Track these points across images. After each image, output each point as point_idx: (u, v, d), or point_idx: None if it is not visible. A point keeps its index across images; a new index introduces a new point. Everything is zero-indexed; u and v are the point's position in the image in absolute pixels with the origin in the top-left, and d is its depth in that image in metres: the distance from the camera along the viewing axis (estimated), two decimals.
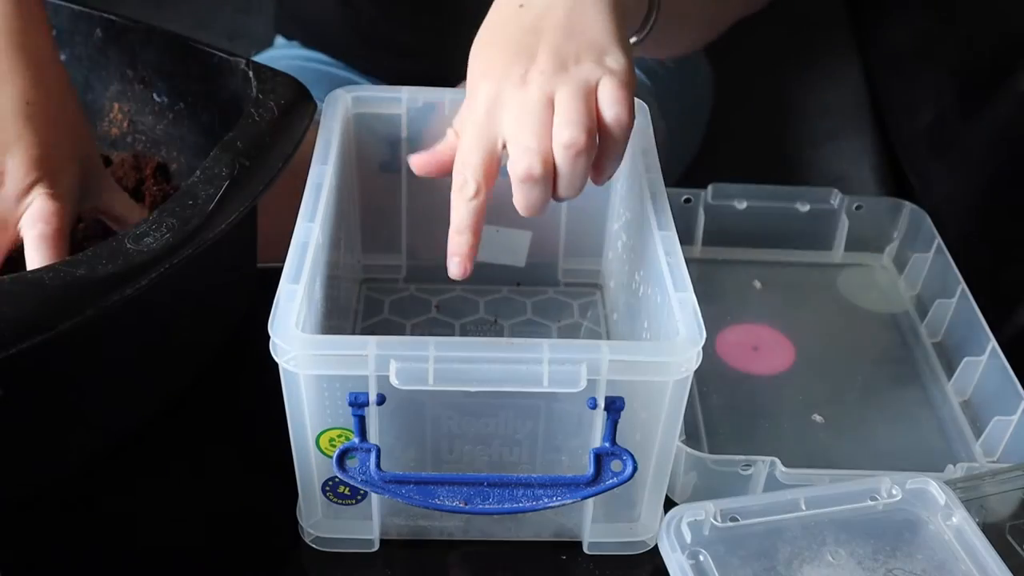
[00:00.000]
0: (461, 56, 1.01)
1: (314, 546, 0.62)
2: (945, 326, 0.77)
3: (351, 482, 0.56)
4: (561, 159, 0.56)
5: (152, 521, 0.64)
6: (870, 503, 0.59)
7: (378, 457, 0.55)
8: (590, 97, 0.57)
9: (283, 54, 1.09)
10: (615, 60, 0.58)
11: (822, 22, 1.35)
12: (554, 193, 0.58)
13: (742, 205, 0.83)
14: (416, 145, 0.75)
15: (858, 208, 0.84)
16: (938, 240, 0.80)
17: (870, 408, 0.73)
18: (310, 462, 0.58)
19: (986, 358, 0.71)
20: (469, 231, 0.58)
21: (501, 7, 0.62)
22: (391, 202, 0.78)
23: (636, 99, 0.73)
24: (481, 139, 0.58)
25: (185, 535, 0.63)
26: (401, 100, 0.73)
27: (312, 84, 0.72)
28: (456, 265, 0.58)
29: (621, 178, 0.75)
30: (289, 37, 1.11)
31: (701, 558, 0.56)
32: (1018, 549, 0.59)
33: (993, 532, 0.58)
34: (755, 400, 0.73)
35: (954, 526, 0.58)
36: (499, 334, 0.77)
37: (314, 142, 0.68)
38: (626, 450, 0.55)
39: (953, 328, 0.76)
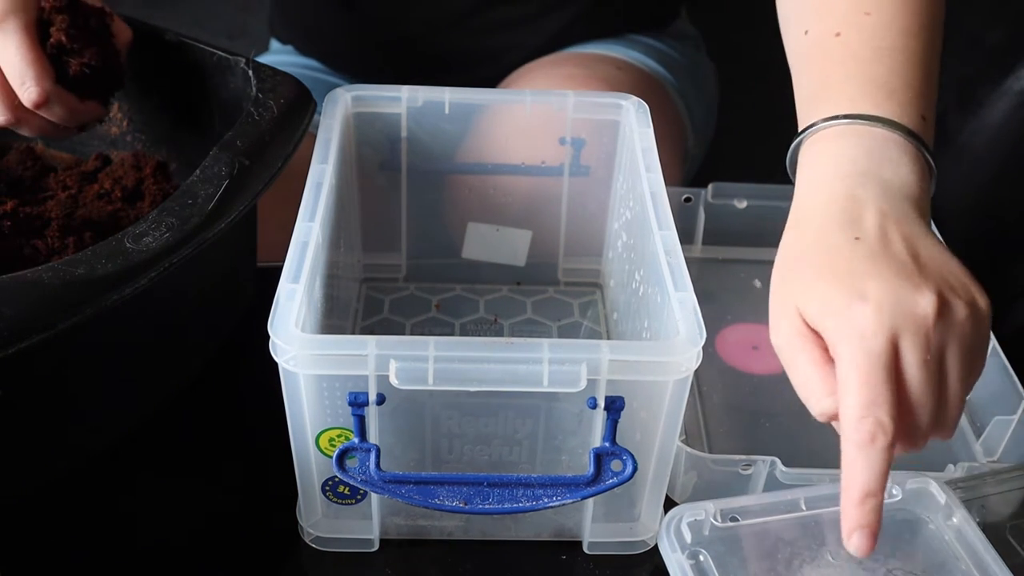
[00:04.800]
0: (458, 62, 1.01)
1: (314, 546, 0.62)
2: None
3: (351, 482, 0.56)
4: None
5: (152, 521, 0.64)
6: None
7: (378, 457, 0.55)
8: (939, 360, 0.51)
9: (278, 60, 1.08)
10: (974, 296, 0.53)
11: None
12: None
13: (742, 204, 0.83)
14: (416, 144, 0.75)
15: None
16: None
17: None
18: (310, 462, 0.58)
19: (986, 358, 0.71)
20: (880, 491, 0.50)
21: (831, 235, 0.53)
22: (391, 202, 0.78)
23: (635, 98, 0.74)
24: (875, 374, 0.49)
25: (185, 535, 0.63)
26: (401, 99, 0.73)
27: (319, 91, 0.72)
28: (863, 539, 0.50)
29: (621, 177, 0.75)
30: (284, 41, 1.11)
31: (701, 558, 0.56)
32: (1018, 549, 0.59)
33: (993, 532, 0.58)
34: (755, 400, 0.73)
35: (954, 526, 0.58)
36: (499, 334, 0.77)
37: (314, 142, 0.68)
38: (626, 450, 0.55)
39: None
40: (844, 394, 0.50)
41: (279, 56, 1.10)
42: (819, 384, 0.52)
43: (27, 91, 0.64)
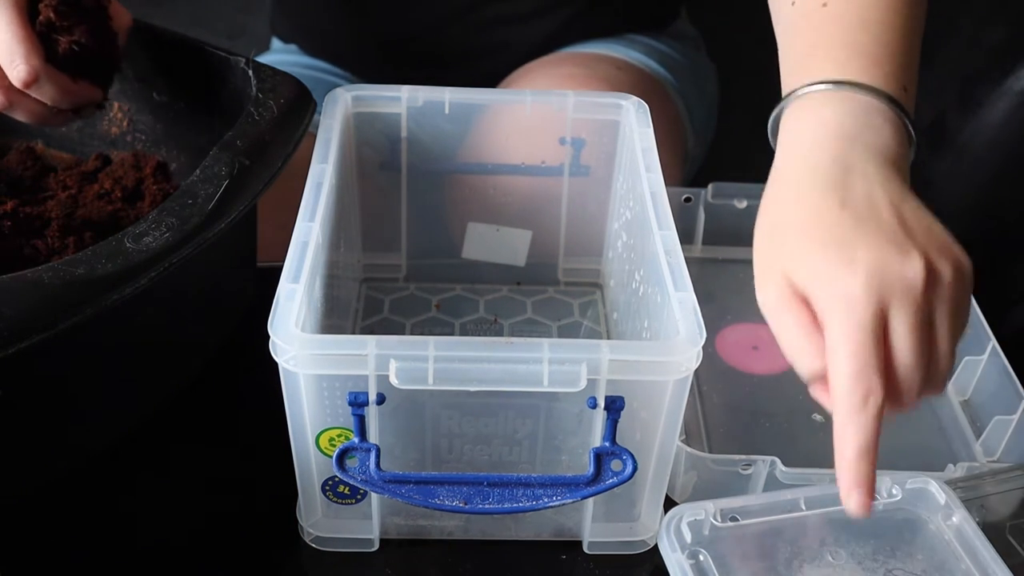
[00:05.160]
0: (456, 59, 1.00)
1: (314, 546, 0.62)
2: None
3: (351, 482, 0.56)
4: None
5: (152, 521, 0.64)
6: None
7: (378, 457, 0.55)
8: (927, 324, 0.51)
9: (280, 59, 1.08)
10: (958, 257, 0.53)
11: None
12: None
13: (742, 204, 0.83)
14: (416, 144, 0.75)
15: None
16: None
17: None
18: (310, 462, 0.58)
19: (986, 358, 0.71)
20: (873, 451, 0.50)
21: (817, 199, 0.54)
22: (391, 202, 0.78)
23: (635, 98, 0.74)
24: (864, 344, 0.50)
25: (185, 535, 0.63)
26: (401, 99, 0.73)
27: (320, 90, 0.72)
28: (861, 496, 0.50)
29: (621, 177, 0.75)
30: (286, 40, 1.11)
31: (701, 558, 0.56)
32: (1018, 549, 0.59)
33: (993, 532, 0.58)
34: (755, 400, 0.73)
35: (954, 526, 0.58)
36: (499, 333, 0.77)
37: (314, 142, 0.68)
38: (626, 450, 0.55)
39: None
40: (834, 363, 0.51)
41: (281, 55, 1.10)
42: (808, 346, 0.52)
43: (16, 69, 0.63)
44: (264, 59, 1.10)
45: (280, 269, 0.57)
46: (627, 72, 0.97)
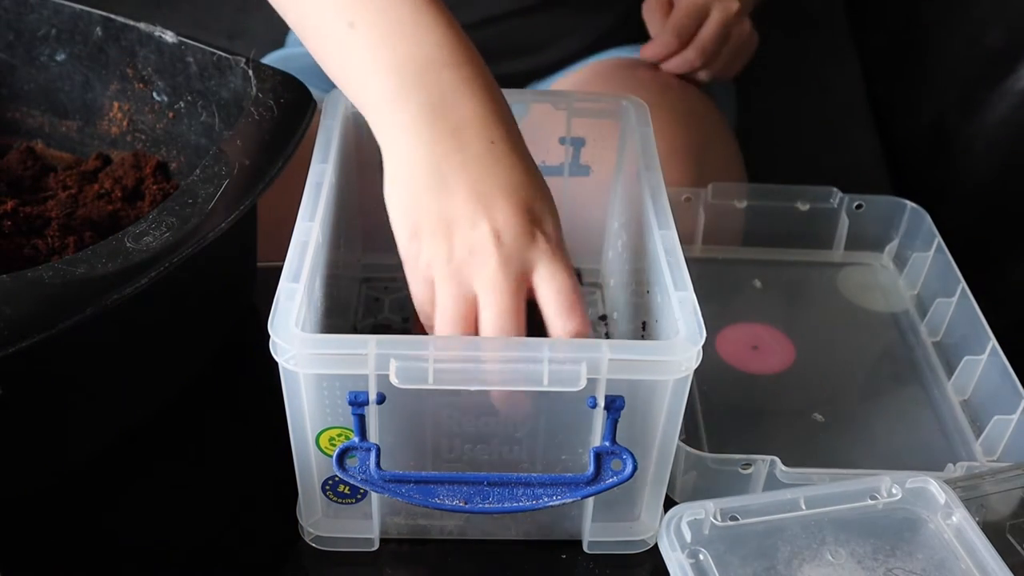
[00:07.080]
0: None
1: (314, 545, 0.62)
2: (945, 325, 0.77)
3: (351, 481, 0.56)
4: None
5: (152, 521, 0.64)
6: (870, 502, 0.59)
7: (378, 456, 0.55)
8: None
9: (297, 52, 1.08)
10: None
11: (822, 22, 1.35)
12: None
13: (742, 204, 0.83)
14: None
15: (858, 207, 0.84)
16: (938, 239, 0.80)
17: (870, 407, 0.72)
18: (310, 461, 0.58)
19: (986, 357, 0.71)
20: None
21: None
22: None
23: (635, 98, 0.74)
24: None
25: (184, 535, 0.63)
26: None
27: (328, 85, 0.72)
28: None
29: (621, 177, 0.75)
30: None
31: (701, 557, 0.56)
32: (1018, 548, 0.59)
33: (993, 531, 0.58)
34: (755, 400, 0.73)
35: (954, 525, 0.58)
36: None
37: (314, 142, 0.68)
38: (626, 449, 0.55)
39: (953, 327, 0.76)
40: None
41: (299, 48, 1.10)
42: None
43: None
44: (279, 54, 1.10)
45: (280, 269, 0.57)
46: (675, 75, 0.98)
